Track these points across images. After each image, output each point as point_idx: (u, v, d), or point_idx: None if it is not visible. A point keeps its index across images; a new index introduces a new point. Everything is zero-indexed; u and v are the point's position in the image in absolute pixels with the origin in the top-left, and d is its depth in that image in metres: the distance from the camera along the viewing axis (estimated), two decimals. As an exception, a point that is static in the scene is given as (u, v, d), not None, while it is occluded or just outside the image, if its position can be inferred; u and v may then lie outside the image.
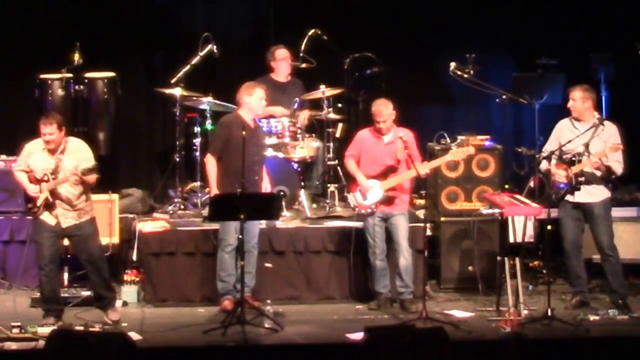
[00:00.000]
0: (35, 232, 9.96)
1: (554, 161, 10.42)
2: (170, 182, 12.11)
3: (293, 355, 9.42)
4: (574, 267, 10.49)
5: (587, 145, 10.20)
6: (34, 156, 9.92)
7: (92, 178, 9.80)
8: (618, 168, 10.31)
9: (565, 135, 10.41)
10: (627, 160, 10.36)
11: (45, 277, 9.89)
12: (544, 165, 10.46)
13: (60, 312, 9.99)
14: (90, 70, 11.89)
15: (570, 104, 10.46)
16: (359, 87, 12.37)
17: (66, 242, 10.17)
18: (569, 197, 10.31)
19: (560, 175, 10.28)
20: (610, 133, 10.33)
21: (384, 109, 10.51)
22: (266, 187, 10.54)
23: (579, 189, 10.22)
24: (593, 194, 10.35)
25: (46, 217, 9.87)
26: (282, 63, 11.91)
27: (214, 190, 10.42)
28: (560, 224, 10.51)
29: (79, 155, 9.89)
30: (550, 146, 10.51)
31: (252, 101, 10.43)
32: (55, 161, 9.84)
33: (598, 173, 10.26)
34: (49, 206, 9.83)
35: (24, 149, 10.03)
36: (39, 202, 9.83)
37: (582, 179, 10.20)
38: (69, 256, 10.64)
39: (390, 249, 10.65)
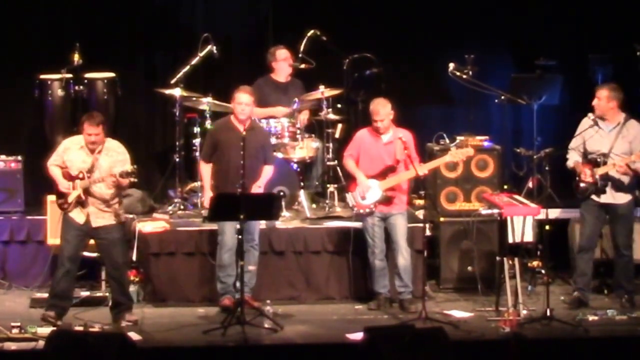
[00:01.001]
0: (63, 229, 9.97)
1: (578, 158, 10.42)
2: (170, 182, 12.12)
3: (293, 356, 9.43)
4: (583, 262, 10.51)
5: (614, 146, 10.25)
6: (70, 152, 9.94)
7: (127, 181, 9.85)
8: None
9: (588, 133, 10.42)
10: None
11: (63, 274, 9.89)
12: (571, 161, 10.47)
13: (63, 310, 9.97)
14: (90, 71, 11.90)
15: (595, 102, 10.46)
16: (358, 88, 12.37)
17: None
18: (594, 197, 10.36)
19: (586, 174, 10.32)
20: (635, 134, 10.35)
21: (381, 108, 10.52)
22: (259, 186, 10.49)
23: (604, 192, 10.27)
24: (618, 196, 10.38)
25: (76, 214, 9.90)
26: (282, 63, 11.92)
27: (207, 193, 10.51)
28: (580, 218, 10.53)
29: (115, 156, 9.96)
30: (575, 143, 10.51)
31: (234, 106, 10.51)
32: (92, 160, 9.88)
33: (625, 178, 10.29)
34: (81, 203, 9.86)
35: (61, 144, 10.08)
36: (70, 199, 9.85)
37: (608, 182, 10.25)
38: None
39: (389, 248, 10.67)
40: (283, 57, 11.92)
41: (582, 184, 10.36)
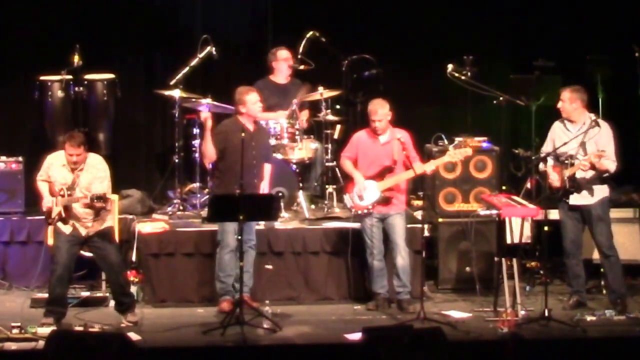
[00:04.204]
0: (54, 236, 10.03)
1: (550, 162, 10.48)
2: (170, 183, 12.14)
3: (291, 356, 9.45)
4: (573, 266, 10.52)
5: (582, 147, 10.26)
6: (53, 168, 10.02)
7: (100, 205, 9.87)
8: (611, 165, 10.32)
9: (558, 136, 10.47)
10: (620, 159, 10.39)
11: (56, 280, 9.92)
12: (541, 166, 10.52)
13: (62, 315, 10.00)
14: (89, 72, 11.93)
15: (559, 105, 10.51)
16: (357, 89, 12.40)
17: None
18: (565, 200, 10.38)
19: (553, 178, 10.35)
20: (601, 134, 10.34)
21: (379, 108, 10.55)
22: (264, 188, 10.56)
23: (572, 193, 10.29)
24: (589, 196, 10.38)
25: (61, 226, 9.98)
26: (282, 63, 11.94)
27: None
28: (560, 223, 10.55)
29: (95, 172, 9.99)
30: (546, 147, 10.58)
31: (248, 106, 10.50)
32: (73, 177, 9.93)
33: (591, 173, 10.30)
34: (62, 220, 9.93)
35: (46, 159, 10.12)
36: (53, 214, 9.94)
37: (577, 183, 10.26)
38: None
39: (387, 249, 10.70)
40: (283, 57, 11.95)
41: (551, 187, 10.40)
